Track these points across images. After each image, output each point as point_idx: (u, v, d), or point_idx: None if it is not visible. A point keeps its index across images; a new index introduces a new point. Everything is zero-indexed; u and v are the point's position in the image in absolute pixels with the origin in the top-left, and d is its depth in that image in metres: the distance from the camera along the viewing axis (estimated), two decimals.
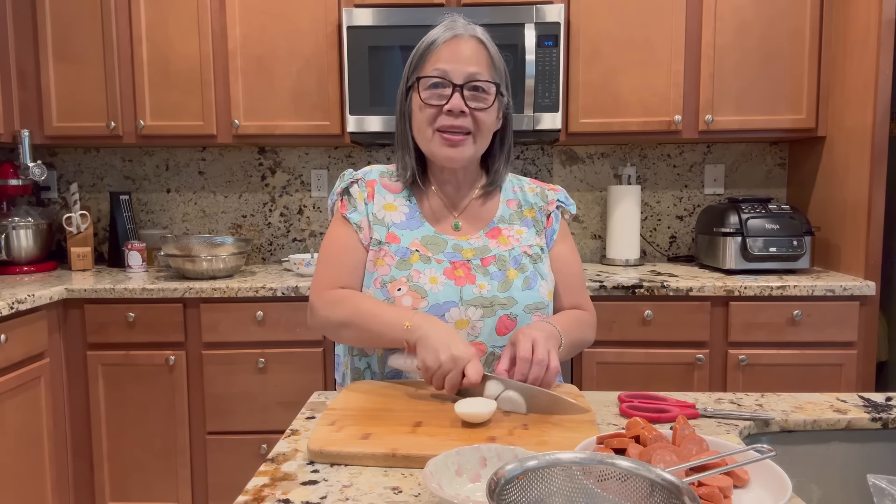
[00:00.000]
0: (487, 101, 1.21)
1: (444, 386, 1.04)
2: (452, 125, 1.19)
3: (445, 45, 1.20)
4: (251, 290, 2.28)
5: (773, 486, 0.76)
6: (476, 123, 1.21)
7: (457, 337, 1.07)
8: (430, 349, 1.04)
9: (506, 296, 1.21)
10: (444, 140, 1.20)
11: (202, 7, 2.50)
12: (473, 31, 1.22)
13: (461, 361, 1.02)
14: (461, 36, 1.21)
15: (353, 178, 1.31)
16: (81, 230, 2.70)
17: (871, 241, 2.26)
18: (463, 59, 1.19)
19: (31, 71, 2.55)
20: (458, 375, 1.03)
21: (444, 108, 1.19)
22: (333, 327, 1.21)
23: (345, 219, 1.28)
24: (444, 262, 1.22)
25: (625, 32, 2.48)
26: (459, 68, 1.19)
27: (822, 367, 2.25)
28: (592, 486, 0.65)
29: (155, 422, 2.34)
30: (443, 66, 1.19)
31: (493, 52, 1.23)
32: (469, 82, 1.19)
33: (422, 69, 1.22)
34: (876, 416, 1.04)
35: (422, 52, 1.23)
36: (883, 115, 2.22)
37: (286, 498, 0.80)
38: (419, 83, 1.21)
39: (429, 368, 1.04)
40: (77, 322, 2.32)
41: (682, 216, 2.90)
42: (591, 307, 1.35)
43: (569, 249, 1.35)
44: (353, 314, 1.17)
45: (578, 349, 1.29)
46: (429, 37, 1.23)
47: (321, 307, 1.22)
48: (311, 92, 2.52)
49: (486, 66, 1.21)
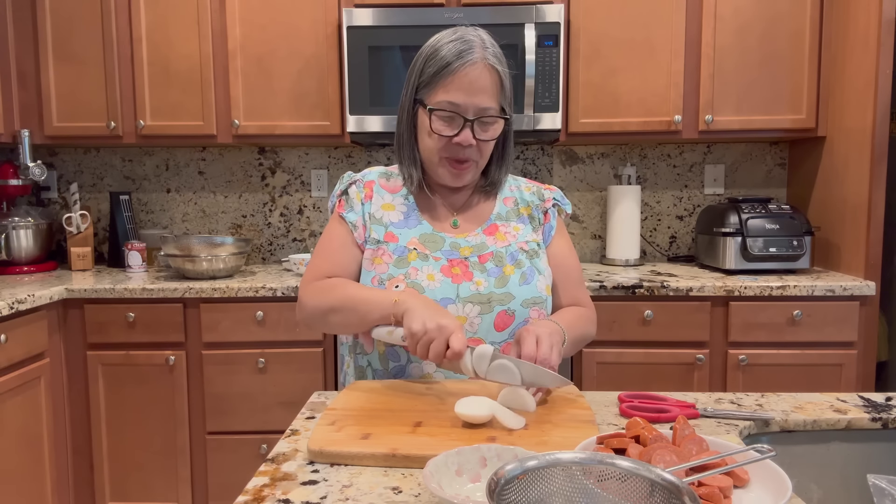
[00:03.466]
0: (496, 130, 1.23)
1: (428, 355, 1.04)
2: (461, 157, 1.22)
3: (459, 74, 1.18)
4: (251, 290, 2.28)
5: (773, 486, 0.76)
6: (481, 151, 1.24)
7: (443, 310, 1.08)
8: (416, 318, 1.05)
9: (503, 291, 1.22)
10: (450, 171, 1.24)
11: (202, 7, 2.50)
12: (486, 55, 1.19)
13: (446, 330, 1.03)
14: (474, 63, 1.18)
15: (351, 179, 1.33)
16: (81, 230, 2.70)
17: (871, 241, 2.26)
18: (475, 90, 1.18)
19: (31, 71, 2.55)
20: (443, 344, 1.03)
21: (453, 139, 1.20)
22: (321, 314, 1.20)
23: (341, 218, 1.30)
24: (442, 259, 1.23)
25: (625, 32, 2.48)
26: (471, 102, 1.18)
27: (822, 367, 2.25)
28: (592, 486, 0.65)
29: (155, 422, 2.34)
30: (455, 98, 1.18)
31: (503, 75, 1.22)
32: (479, 117, 1.20)
33: (432, 92, 1.21)
34: (876, 416, 1.04)
35: (433, 71, 1.20)
36: (883, 115, 2.21)
37: (286, 498, 0.80)
38: (432, 115, 1.21)
39: (414, 335, 1.04)
40: (77, 322, 2.32)
41: (682, 216, 2.90)
42: (590, 302, 1.37)
43: (566, 246, 1.36)
44: (341, 299, 1.18)
45: (581, 344, 1.29)
46: (440, 53, 1.20)
47: (309, 297, 1.23)
48: (311, 92, 2.52)
49: (496, 94, 1.21)
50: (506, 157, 1.33)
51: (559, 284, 1.33)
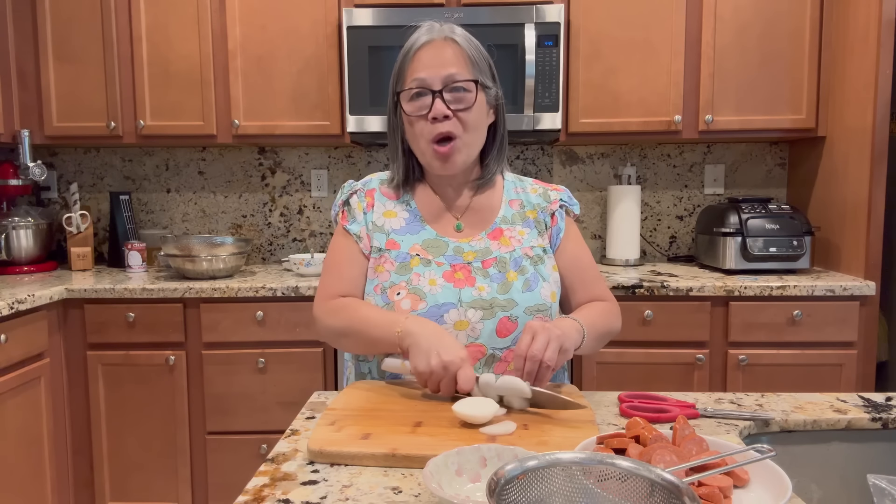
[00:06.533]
0: (469, 99, 1.21)
1: (440, 392, 1.06)
2: (440, 132, 1.20)
3: (420, 52, 1.21)
4: (251, 290, 2.28)
5: (773, 486, 0.76)
6: (462, 124, 1.21)
7: (447, 339, 1.07)
8: (420, 355, 1.06)
9: (506, 297, 1.21)
10: (436, 153, 1.22)
11: (202, 7, 2.50)
12: (444, 32, 1.21)
13: (452, 367, 1.03)
14: (434, 40, 1.21)
15: (352, 189, 1.33)
16: (81, 230, 2.70)
17: (871, 241, 2.26)
18: (438, 62, 1.19)
19: (31, 71, 2.55)
20: (451, 381, 1.04)
21: (428, 116, 1.19)
22: (334, 336, 1.23)
23: (345, 230, 1.30)
24: (445, 264, 1.23)
25: (625, 32, 2.47)
26: (435, 73, 1.19)
27: (822, 367, 2.25)
28: (592, 486, 0.65)
29: (155, 422, 2.34)
30: (420, 74, 1.19)
31: (468, 49, 1.22)
32: (447, 85, 1.19)
33: (402, 82, 1.23)
34: (876, 416, 1.04)
35: (400, 63, 1.24)
36: (883, 115, 2.21)
37: (286, 498, 0.80)
38: (401, 98, 1.22)
39: (421, 374, 1.06)
40: (77, 322, 2.32)
41: (682, 216, 2.90)
42: (612, 296, 1.34)
43: (578, 245, 1.34)
44: (350, 322, 1.19)
45: (607, 339, 1.27)
46: (405, 45, 1.24)
47: (323, 317, 1.24)
48: (311, 92, 2.52)
49: (464, 64, 1.20)
50: (502, 144, 1.31)
51: (577, 284, 1.31)
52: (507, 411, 1.02)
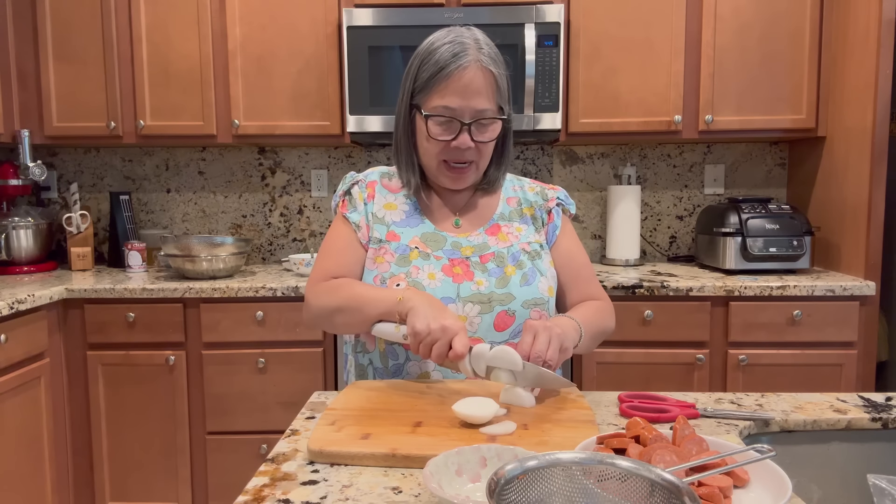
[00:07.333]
0: (494, 131, 1.23)
1: (431, 354, 1.05)
2: (459, 159, 1.22)
3: (453, 77, 1.18)
4: (251, 290, 2.28)
5: (773, 486, 0.76)
6: (480, 152, 1.24)
7: (447, 310, 1.09)
8: (420, 317, 1.05)
9: (503, 292, 1.22)
10: (448, 170, 1.24)
11: (202, 7, 2.50)
12: (480, 57, 1.19)
13: (450, 331, 1.04)
14: (468, 66, 1.18)
15: (353, 180, 1.34)
16: (81, 230, 2.70)
17: (871, 241, 2.26)
18: (471, 93, 1.18)
19: (31, 71, 2.55)
20: (446, 345, 1.04)
21: (451, 143, 1.20)
22: (327, 315, 1.21)
23: (344, 218, 1.31)
24: (443, 258, 1.24)
25: (625, 32, 2.47)
26: (467, 105, 1.18)
27: (822, 367, 2.25)
28: (592, 486, 0.65)
29: (155, 422, 2.34)
30: (450, 102, 1.18)
31: (498, 76, 1.22)
32: (476, 120, 1.20)
33: (428, 97, 1.21)
34: (876, 416, 1.04)
35: (427, 76, 1.20)
36: (883, 115, 2.21)
37: (286, 498, 0.80)
38: (426, 115, 1.21)
39: (418, 334, 1.05)
40: (77, 322, 2.32)
41: (682, 216, 2.90)
42: (605, 295, 1.35)
43: (573, 243, 1.36)
44: (346, 299, 1.18)
45: (601, 338, 1.28)
46: (434, 57, 1.20)
47: (315, 298, 1.23)
48: (311, 92, 2.52)
49: (492, 95, 1.21)
50: (505, 156, 1.33)
51: (571, 282, 1.32)
52: (507, 411, 1.02)
